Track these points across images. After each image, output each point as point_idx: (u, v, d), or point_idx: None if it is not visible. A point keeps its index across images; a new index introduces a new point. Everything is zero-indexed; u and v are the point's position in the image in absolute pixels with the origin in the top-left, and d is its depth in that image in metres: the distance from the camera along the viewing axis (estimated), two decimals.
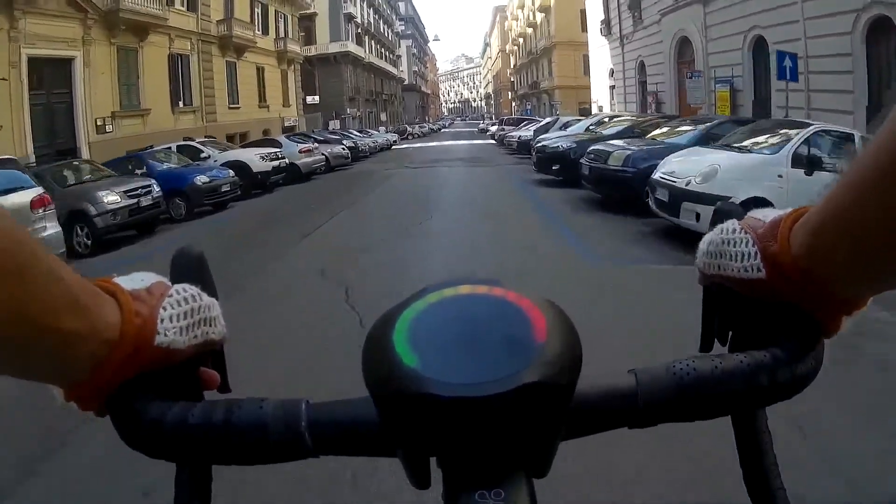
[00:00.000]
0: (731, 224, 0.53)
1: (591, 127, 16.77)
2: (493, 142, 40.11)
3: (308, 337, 4.97)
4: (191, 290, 0.50)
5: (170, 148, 16.30)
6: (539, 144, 15.43)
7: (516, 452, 0.41)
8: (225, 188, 13.96)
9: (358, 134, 35.81)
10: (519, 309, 0.42)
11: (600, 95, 37.39)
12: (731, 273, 0.52)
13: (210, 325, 0.51)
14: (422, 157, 29.06)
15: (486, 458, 0.40)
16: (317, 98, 45.80)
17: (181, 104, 25.63)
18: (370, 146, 33.84)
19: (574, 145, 13.53)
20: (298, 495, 2.85)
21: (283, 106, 36.99)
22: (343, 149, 26.15)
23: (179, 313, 0.47)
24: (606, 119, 17.42)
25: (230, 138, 26.76)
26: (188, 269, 0.54)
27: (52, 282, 0.39)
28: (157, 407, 0.45)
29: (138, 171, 13.11)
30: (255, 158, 16.73)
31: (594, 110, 38.89)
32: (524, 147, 23.34)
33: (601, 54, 36.02)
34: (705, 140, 8.93)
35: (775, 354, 0.47)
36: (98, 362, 0.43)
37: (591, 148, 11.08)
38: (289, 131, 32.23)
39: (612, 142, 11.24)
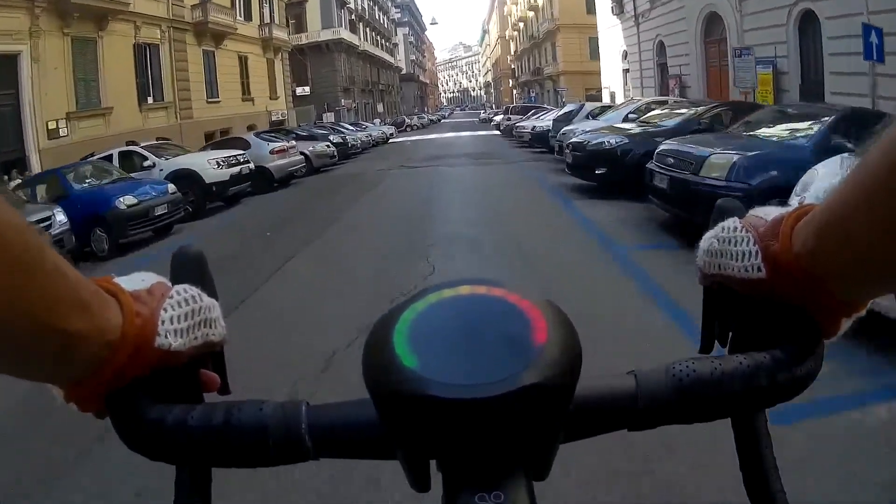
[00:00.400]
0: (731, 222, 0.53)
1: (630, 116, 13.69)
2: (497, 132, 37.46)
3: None
4: (191, 291, 0.50)
5: (110, 156, 13.43)
6: (574, 140, 11.77)
7: (516, 454, 0.41)
8: (160, 210, 10.76)
9: (350, 127, 32.74)
10: (519, 309, 0.43)
11: (612, 80, 34.62)
12: (731, 273, 0.51)
13: (210, 327, 0.51)
14: (421, 153, 25.63)
15: (485, 460, 0.40)
16: (307, 89, 43.12)
17: (150, 100, 22.93)
18: (363, 141, 30.28)
19: (625, 141, 10.29)
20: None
21: (271, 98, 34.28)
22: (327, 146, 22.38)
23: (180, 314, 0.47)
24: (644, 106, 14.36)
25: (209, 136, 24.11)
26: (188, 269, 0.54)
27: (58, 279, 0.39)
28: (158, 408, 0.46)
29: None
30: (208, 166, 13.51)
31: (605, 97, 36.19)
32: (540, 139, 20.38)
33: (612, 35, 33.26)
34: (829, 142, 6.00)
35: (775, 356, 0.47)
36: (99, 363, 0.43)
37: (666, 149, 7.79)
38: (277, 126, 29.68)
39: (687, 139, 8.00)
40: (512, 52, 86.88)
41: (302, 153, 19.09)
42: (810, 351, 0.48)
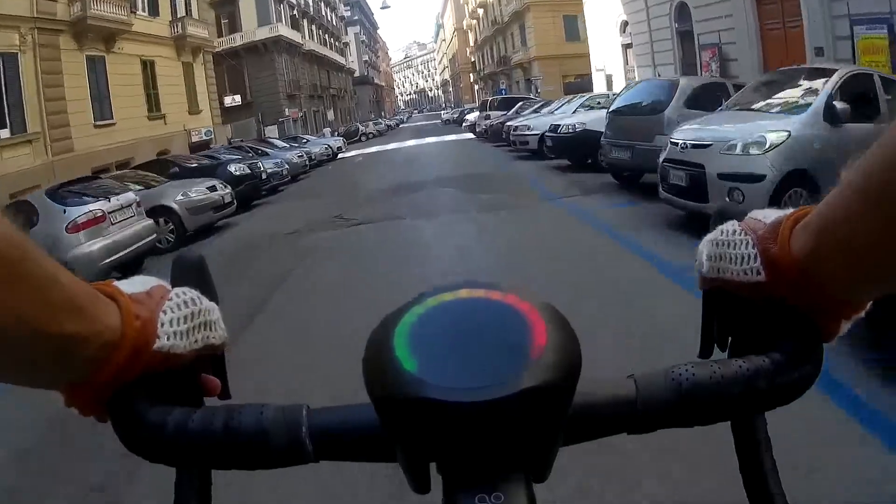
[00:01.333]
0: (730, 226, 0.53)
1: (838, 106, 6.11)
2: (471, 136, 31.23)
3: None
4: (191, 293, 0.50)
5: None
6: None
7: (516, 456, 0.41)
8: None
9: (282, 145, 25.28)
10: (518, 312, 0.43)
11: (607, 60, 28.69)
12: (731, 276, 0.52)
13: (210, 329, 0.51)
14: (377, 181, 16.59)
15: (485, 462, 0.41)
16: (238, 98, 36.53)
17: (4, 133, 16.47)
18: (293, 164, 21.27)
19: None
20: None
21: (190, 113, 27.71)
22: (210, 189, 12.23)
23: (179, 317, 0.48)
24: (843, 83, 6.58)
25: (100, 172, 17.50)
26: (188, 273, 0.55)
27: (51, 285, 0.40)
28: (158, 412, 0.46)
29: None
30: None
31: (597, 82, 30.34)
32: (565, 148, 13.92)
33: (605, 4, 27.38)
34: None
35: (774, 359, 0.48)
36: (98, 365, 0.43)
37: None
38: (200, 149, 23.25)
39: None
40: (472, 44, 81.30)
41: (163, 208, 11.18)
42: (809, 353, 0.48)
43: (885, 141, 0.38)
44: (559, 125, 14.27)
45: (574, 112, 15.91)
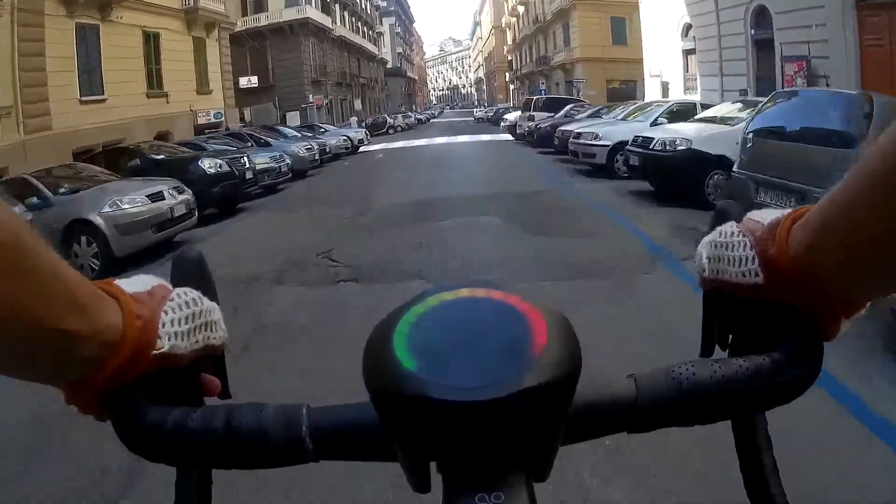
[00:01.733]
0: (729, 227, 0.53)
1: None
2: (509, 137, 28.54)
3: None
4: (192, 293, 0.50)
5: None
6: None
7: (516, 456, 0.41)
8: None
9: (292, 134, 22.09)
10: (519, 312, 0.43)
11: (663, 65, 25.92)
12: (729, 277, 0.51)
13: (211, 330, 0.51)
14: (394, 192, 13.04)
15: (485, 462, 0.41)
16: (254, 80, 33.94)
17: None
18: (300, 160, 18.13)
19: None
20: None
21: (199, 93, 25.18)
22: (151, 198, 8.59)
23: (181, 317, 0.48)
24: None
25: (81, 154, 14.94)
26: (189, 272, 0.54)
27: (55, 281, 0.39)
28: (158, 411, 0.46)
29: None
30: None
31: (650, 89, 27.59)
32: (658, 170, 9.88)
33: (664, 4, 24.63)
34: None
35: (775, 359, 0.48)
36: (98, 364, 0.43)
37: None
38: (206, 131, 20.81)
39: None
40: (509, 42, 78.79)
41: (84, 223, 7.77)
42: (810, 353, 0.48)
43: (887, 137, 0.38)
44: (651, 138, 10.17)
45: (656, 122, 12.78)
